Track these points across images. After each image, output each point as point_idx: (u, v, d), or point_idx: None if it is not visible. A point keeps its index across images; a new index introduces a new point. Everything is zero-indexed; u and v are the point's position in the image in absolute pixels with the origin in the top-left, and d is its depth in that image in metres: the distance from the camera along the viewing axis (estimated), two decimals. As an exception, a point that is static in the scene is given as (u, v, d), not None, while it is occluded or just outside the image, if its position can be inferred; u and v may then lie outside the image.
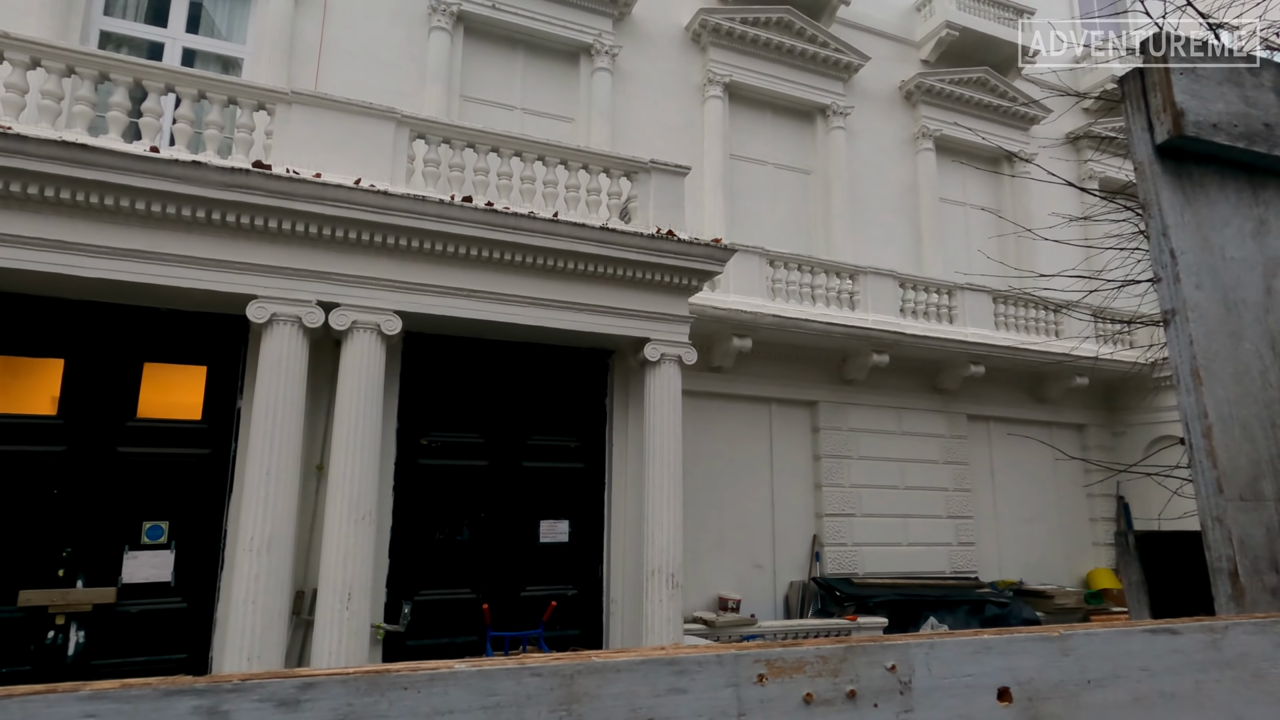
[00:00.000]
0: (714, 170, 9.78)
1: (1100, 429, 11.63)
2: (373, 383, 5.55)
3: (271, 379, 5.24)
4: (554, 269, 6.18)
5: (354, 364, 5.52)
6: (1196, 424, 0.73)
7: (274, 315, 5.31)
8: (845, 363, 9.77)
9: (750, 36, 10.29)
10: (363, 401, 5.47)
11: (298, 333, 5.38)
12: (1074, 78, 13.18)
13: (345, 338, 5.57)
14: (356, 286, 5.60)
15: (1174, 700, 0.56)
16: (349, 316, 5.52)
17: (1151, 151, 0.78)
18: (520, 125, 8.93)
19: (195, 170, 5.00)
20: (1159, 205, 0.78)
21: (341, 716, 0.40)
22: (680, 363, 6.62)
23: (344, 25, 8.48)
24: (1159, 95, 0.76)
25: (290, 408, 5.26)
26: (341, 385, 5.50)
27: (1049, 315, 10.86)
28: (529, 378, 6.84)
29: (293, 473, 5.22)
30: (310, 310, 5.42)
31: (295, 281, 5.43)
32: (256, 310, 5.28)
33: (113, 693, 0.36)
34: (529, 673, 0.44)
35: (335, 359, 5.82)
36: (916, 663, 0.52)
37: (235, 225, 5.25)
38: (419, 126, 6.11)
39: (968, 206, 12.01)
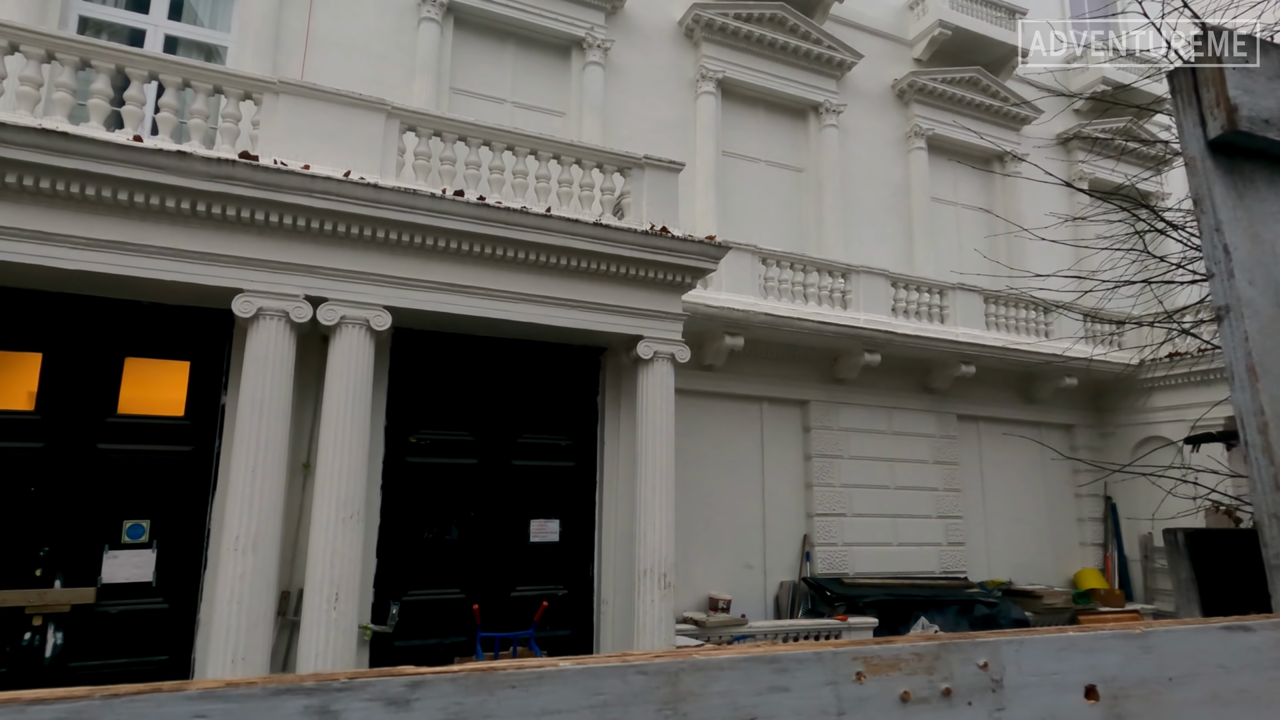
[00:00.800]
0: (706, 167, 9.79)
1: (1088, 430, 11.77)
2: (361, 379, 5.50)
3: (258, 375, 5.18)
4: (546, 265, 6.16)
5: (342, 360, 5.47)
6: (1252, 420, 0.74)
7: (260, 310, 5.25)
8: (837, 362, 9.82)
9: (743, 32, 10.30)
10: (351, 398, 5.42)
11: (284, 328, 5.33)
12: (1066, 79, 13.32)
13: (333, 333, 5.52)
14: (345, 281, 5.54)
15: (1251, 697, 0.57)
16: (337, 311, 5.47)
17: (1204, 147, 0.79)
18: (510, 119, 8.88)
19: (180, 160, 4.92)
20: (1212, 200, 0.79)
21: (451, 715, 0.39)
22: (673, 360, 6.62)
23: (331, 15, 8.39)
24: (1212, 91, 0.77)
25: (277, 404, 5.21)
26: (329, 382, 5.45)
27: (1039, 316, 10.98)
28: (519, 375, 6.82)
29: (279, 470, 5.17)
30: (298, 305, 5.36)
31: (282, 275, 5.37)
32: (242, 304, 5.21)
33: (221, 692, 0.35)
34: (634, 670, 0.44)
35: (322, 355, 5.76)
36: (1007, 661, 0.52)
37: (221, 217, 5.18)
38: (410, 119, 6.06)
39: (959, 206, 12.11)
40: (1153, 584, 11.08)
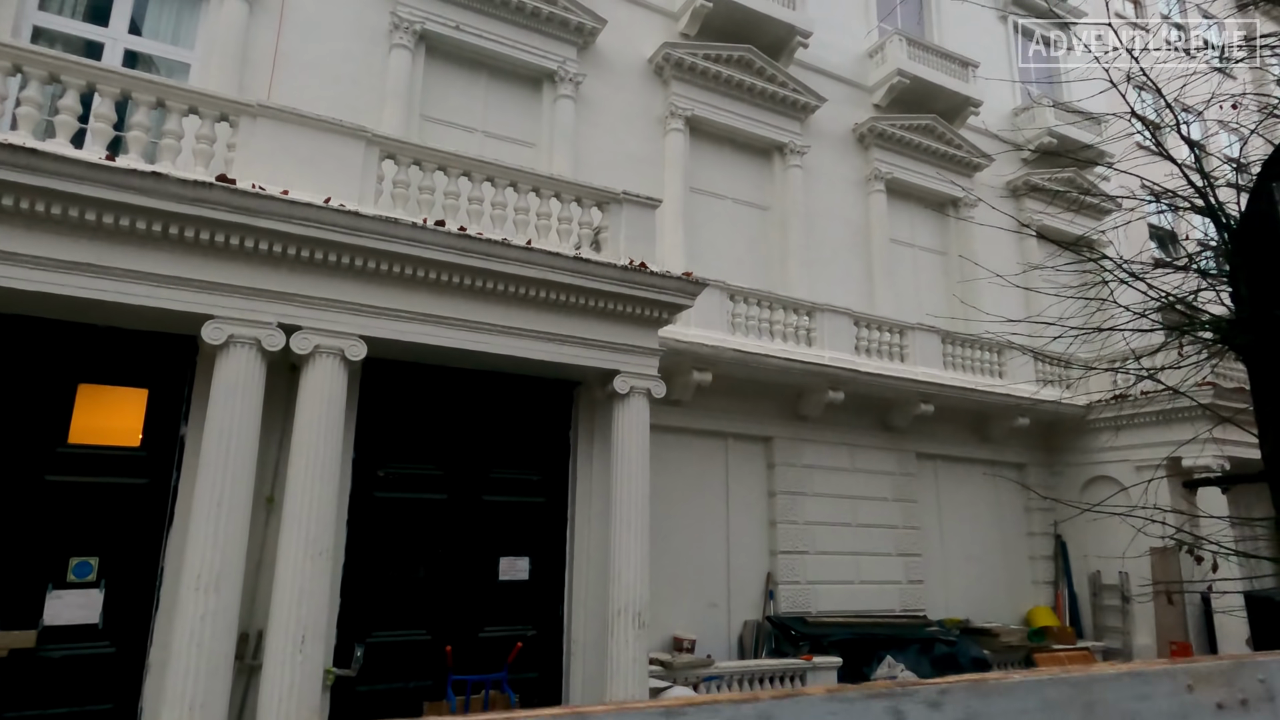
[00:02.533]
0: (674, 202, 10.06)
1: (1039, 468, 12.35)
2: (334, 411, 5.45)
3: (226, 404, 5.09)
4: (525, 298, 6.25)
5: (315, 391, 5.41)
6: None
7: (231, 337, 5.18)
8: (801, 399, 10.11)
9: (712, 73, 10.71)
10: (323, 431, 5.36)
11: (256, 356, 5.26)
12: (1014, 130, 14.21)
13: (306, 363, 5.46)
14: (320, 309, 5.51)
15: None
16: (312, 340, 5.43)
17: None
18: (481, 148, 8.99)
19: (154, 181, 4.87)
20: None
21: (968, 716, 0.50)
22: (649, 396, 6.75)
23: (301, 37, 8.41)
24: None
25: (245, 435, 5.11)
26: (300, 413, 5.38)
27: (994, 357, 11.54)
28: (491, 408, 6.84)
29: (245, 505, 5.06)
30: (270, 333, 5.30)
31: (256, 302, 5.32)
32: (213, 331, 5.13)
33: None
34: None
35: (291, 384, 5.69)
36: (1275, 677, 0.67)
37: (194, 241, 5.12)
38: (389, 147, 6.12)
39: (916, 248, 12.70)
40: (1101, 621, 11.59)
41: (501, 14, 9.39)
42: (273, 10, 8.33)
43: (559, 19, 9.63)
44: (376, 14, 8.88)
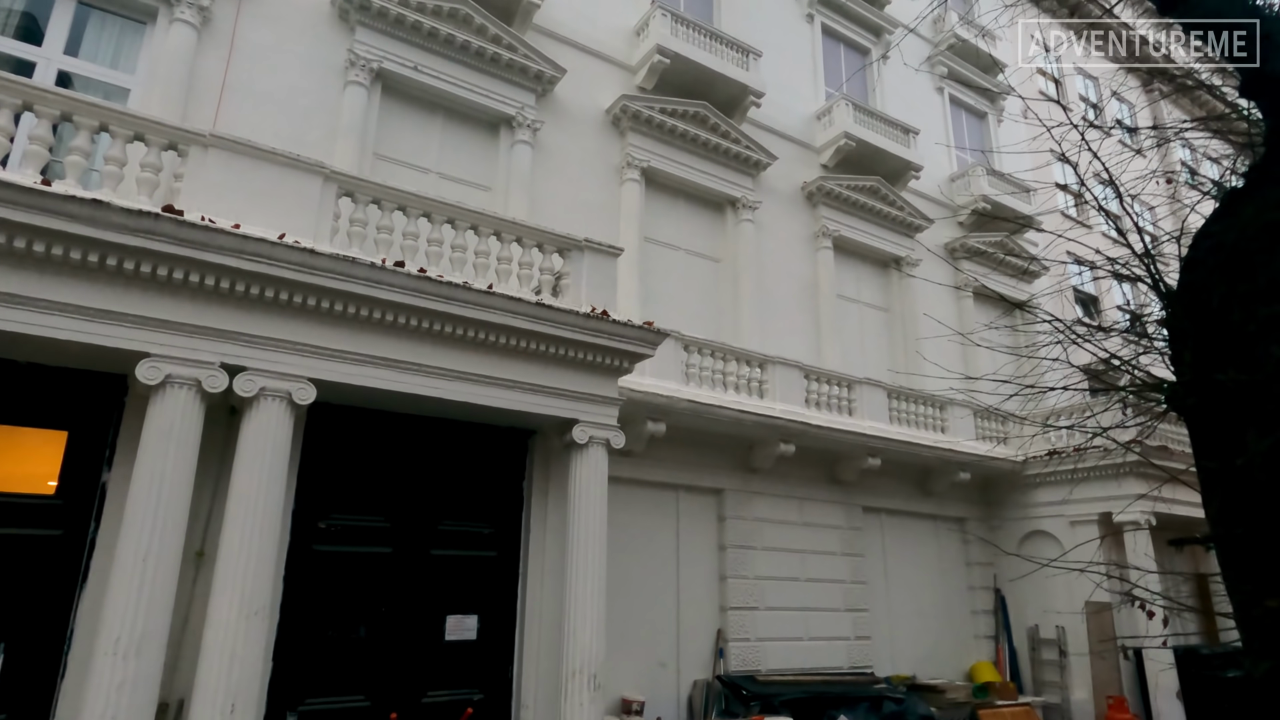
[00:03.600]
0: (630, 252, 10.13)
1: (979, 522, 12.69)
2: (277, 458, 5.17)
3: (159, 450, 4.77)
4: (483, 343, 6.13)
5: (257, 436, 5.13)
6: None
7: (169, 377, 4.89)
8: (752, 451, 10.17)
9: (668, 126, 10.98)
10: (264, 479, 5.07)
11: (194, 398, 4.97)
12: (951, 194, 15.01)
13: (249, 406, 5.19)
14: (268, 349, 5.28)
15: None
16: (257, 382, 5.17)
17: None
18: (435, 189, 8.91)
19: (95, 210, 4.61)
20: None
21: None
22: (608, 446, 6.67)
23: (252, 67, 8.24)
24: None
25: (178, 484, 4.79)
26: (240, 460, 5.08)
27: (936, 412, 11.91)
28: (442, 457, 6.63)
29: (174, 560, 4.70)
30: (212, 373, 5.03)
31: (197, 340, 5.05)
32: (148, 370, 4.83)
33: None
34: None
35: (230, 429, 5.41)
36: None
37: (133, 274, 4.85)
38: (348, 184, 5.99)
39: (862, 304, 13.13)
40: (1040, 675, 11.84)
41: (461, 58, 9.44)
42: (223, 39, 8.16)
43: (519, 66, 9.74)
44: (332, 50, 8.80)
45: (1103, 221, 5.19)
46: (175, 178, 5.40)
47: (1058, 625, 11.52)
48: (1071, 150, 5.27)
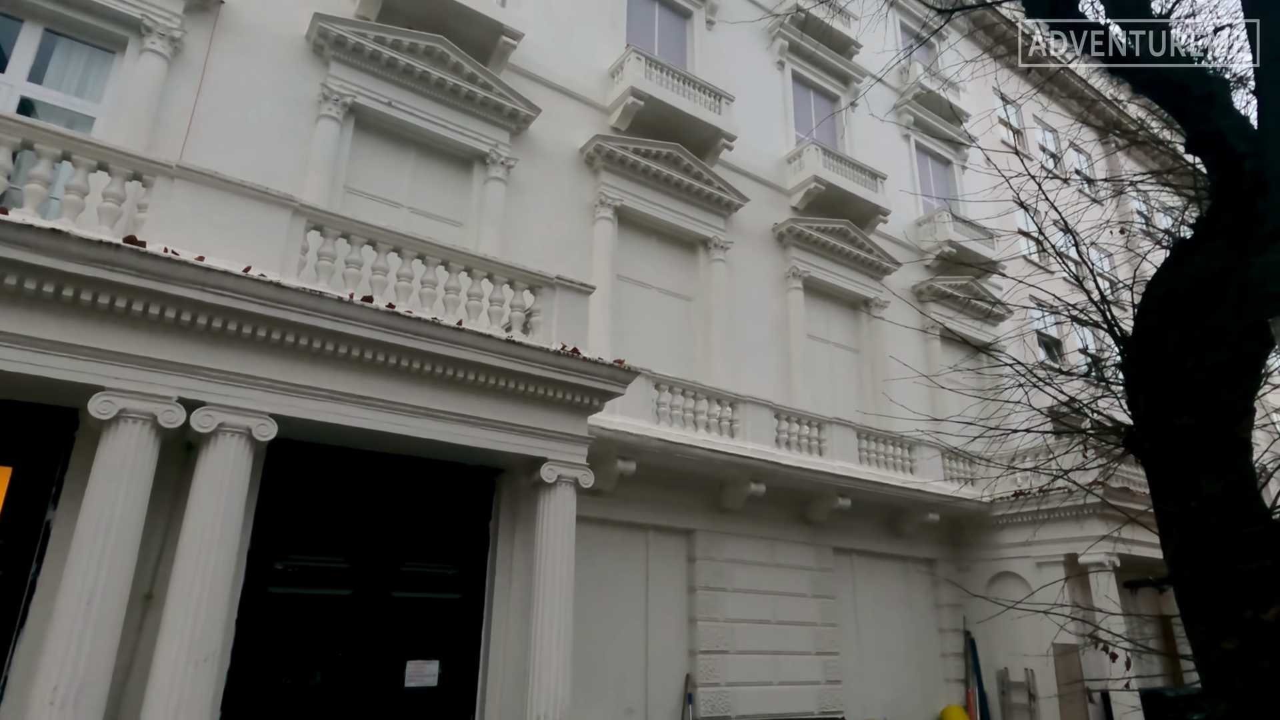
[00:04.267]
0: (602, 289, 10.20)
1: (948, 564, 12.77)
2: (234, 497, 5.05)
3: (109, 487, 4.63)
4: (452, 379, 6.10)
5: (214, 474, 5.02)
6: None
7: (123, 411, 4.77)
8: (723, 490, 10.17)
9: (641, 166, 11.16)
10: (220, 519, 4.94)
11: (149, 434, 4.85)
12: (918, 237, 15.41)
13: (207, 442, 5.08)
14: (229, 384, 5.19)
15: None
16: (215, 418, 5.07)
17: None
18: (406, 224, 8.93)
19: (53, 240, 4.54)
20: None
21: None
22: (577, 486, 6.63)
23: (223, 98, 8.24)
24: None
25: (128, 523, 4.64)
26: (195, 499, 4.96)
27: (905, 452, 12.05)
28: (407, 496, 6.53)
29: (120, 603, 4.54)
30: (169, 408, 4.93)
31: (155, 374, 4.95)
32: (102, 404, 4.72)
33: None
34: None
35: (185, 465, 5.29)
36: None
37: (90, 305, 4.76)
38: (317, 218, 5.98)
39: (831, 344, 13.33)
40: (1010, 719, 11.83)
41: (436, 95, 9.54)
42: (194, 70, 8.16)
43: (494, 104, 9.87)
44: (306, 83, 8.85)
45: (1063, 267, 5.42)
46: (139, 208, 5.35)
47: (1027, 668, 11.56)
48: (1031, 199, 5.48)
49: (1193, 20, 7.03)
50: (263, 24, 8.75)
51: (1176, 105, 4.04)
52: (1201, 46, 6.42)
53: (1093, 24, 4.39)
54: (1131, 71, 4.20)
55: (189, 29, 8.15)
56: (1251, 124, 3.90)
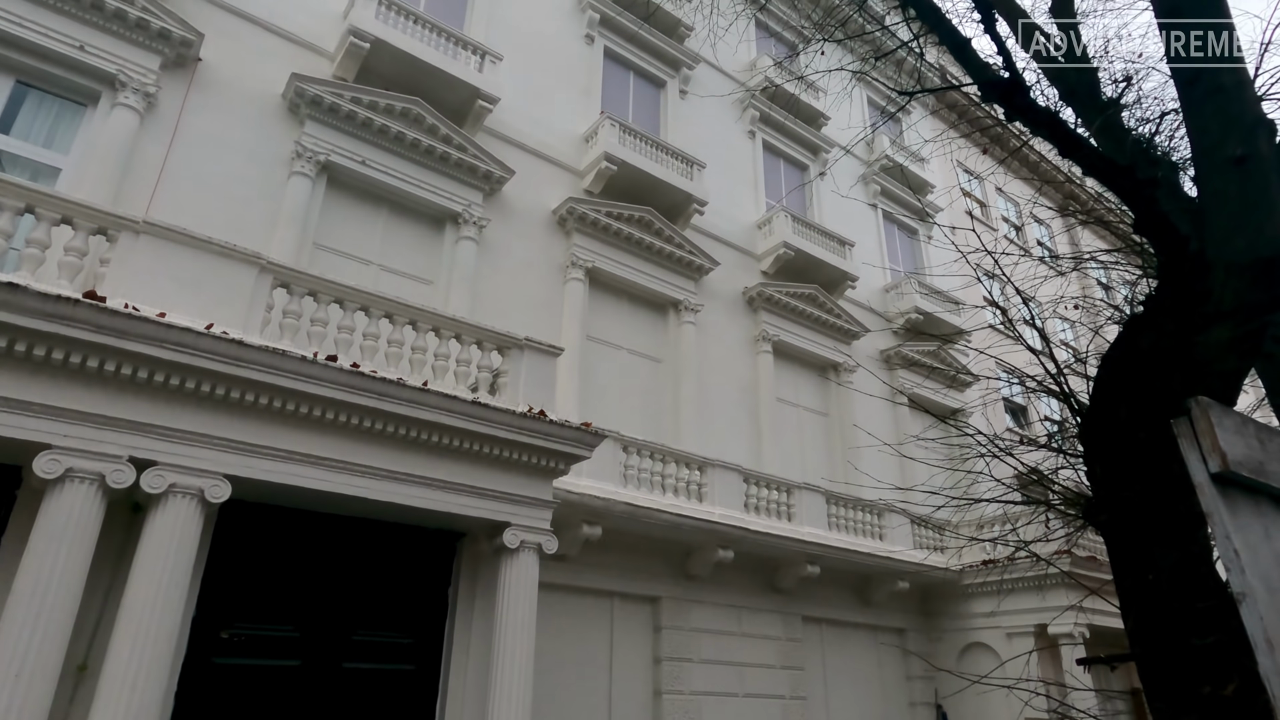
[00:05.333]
0: (571, 350, 10.30)
1: (918, 634, 12.71)
2: (181, 562, 4.91)
3: (48, 551, 4.48)
4: (415, 441, 6.06)
5: (161, 537, 4.88)
6: (1273, 678, 1.04)
7: (69, 471, 4.66)
8: (690, 557, 10.10)
9: (613, 229, 11.42)
10: (165, 585, 4.78)
11: (96, 494, 4.73)
12: (886, 304, 15.83)
13: (156, 504, 4.96)
14: (183, 443, 5.11)
15: None
16: (167, 478, 4.97)
17: (1208, 478, 1.18)
18: (375, 281, 8.99)
19: (9, 294, 4.50)
20: (1220, 517, 1.17)
21: None
22: (540, 551, 6.56)
23: (193, 152, 8.32)
24: (1208, 439, 1.17)
25: (66, 589, 4.48)
26: (140, 563, 4.81)
27: (874, 519, 12.11)
28: (363, 560, 6.39)
29: (52, 675, 4.35)
30: (118, 468, 4.83)
31: (105, 432, 4.86)
32: (48, 463, 4.61)
33: None
34: None
35: (130, 527, 5.15)
36: None
37: (43, 361, 4.70)
38: (284, 275, 6.00)
39: (801, 408, 13.49)
40: (977, 799, 11.62)
41: (411, 155, 9.74)
42: (166, 125, 8.26)
43: (468, 165, 10.09)
44: (279, 141, 8.98)
45: (1027, 336, 5.64)
46: (101, 263, 5.34)
47: (999, 744, 11.43)
48: (994, 272, 5.72)
49: (1139, 106, 7.48)
50: (239, 82, 8.92)
51: (1123, 188, 4.27)
52: (1148, 131, 6.83)
53: (1045, 110, 4.67)
54: (1082, 154, 4.45)
55: (164, 85, 8.29)
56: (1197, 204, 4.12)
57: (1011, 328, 5.83)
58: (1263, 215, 3.46)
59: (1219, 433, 1.18)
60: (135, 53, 8.08)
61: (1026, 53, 5.86)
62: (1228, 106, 3.67)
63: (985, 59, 5.06)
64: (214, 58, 8.76)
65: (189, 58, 8.52)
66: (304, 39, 9.68)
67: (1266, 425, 1.32)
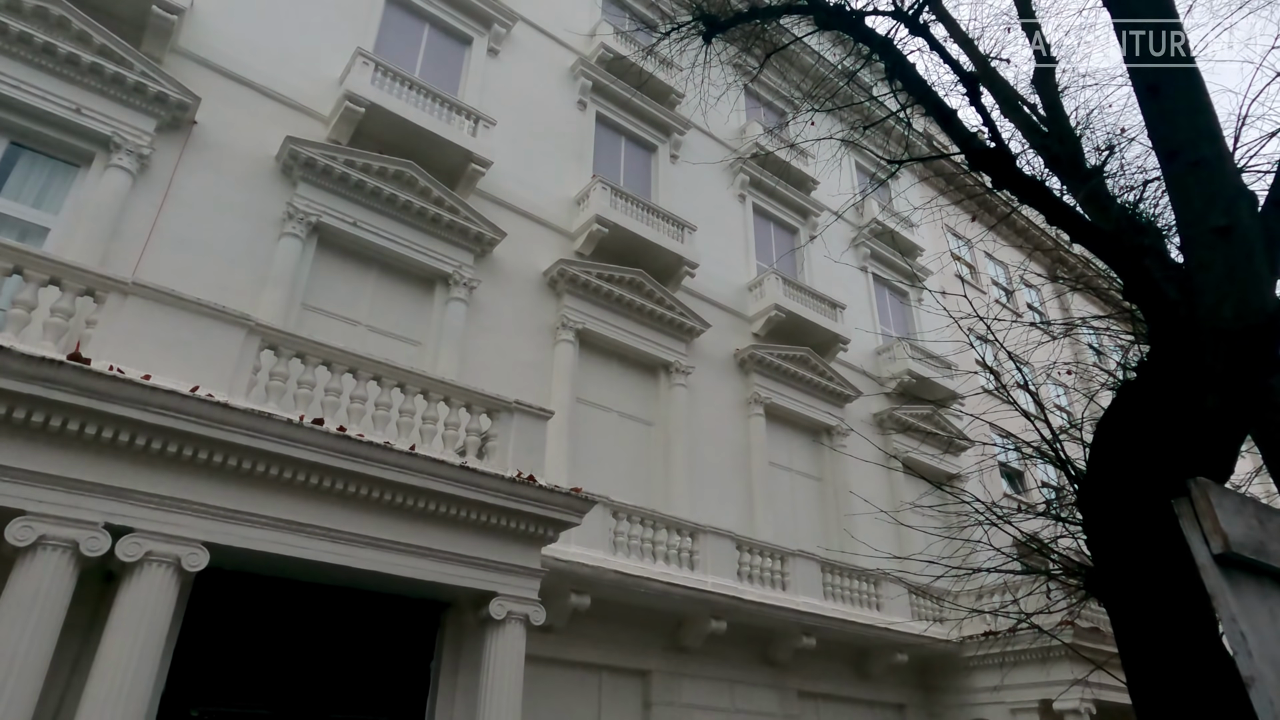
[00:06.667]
0: (561, 412, 10.29)
1: (919, 710, 12.40)
2: (153, 635, 4.78)
3: (16, 622, 4.37)
4: (400, 507, 6.01)
5: (134, 609, 4.77)
6: None
7: (42, 538, 4.58)
8: (682, 628, 9.90)
9: (604, 290, 11.56)
10: (135, 659, 4.65)
11: (68, 562, 4.65)
12: (878, 367, 15.97)
13: (130, 573, 4.87)
14: (160, 509, 5.04)
15: None
16: (143, 546, 4.89)
17: (1210, 559, 1.21)
18: (363, 342, 9.02)
19: (-8, 355, 4.51)
20: (1225, 599, 1.19)
21: None
22: (527, 623, 6.44)
23: (184, 213, 8.44)
24: (1209, 520, 1.20)
25: (32, 663, 4.35)
26: (110, 636, 4.68)
27: (871, 588, 11.95)
28: (342, 632, 6.25)
29: (10, 758, 4.19)
30: (93, 535, 4.75)
31: (81, 497, 4.80)
32: (21, 530, 4.53)
33: None
34: None
35: (102, 597, 5.04)
36: None
37: (23, 424, 4.67)
38: (272, 337, 6.03)
39: (794, 472, 13.45)
40: None
41: (402, 216, 9.90)
42: (158, 185, 8.39)
43: (460, 227, 10.26)
44: (271, 202, 9.13)
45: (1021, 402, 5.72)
46: (87, 324, 5.35)
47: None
48: (985, 336, 5.81)
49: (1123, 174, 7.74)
50: (234, 144, 9.12)
51: (1111, 255, 4.38)
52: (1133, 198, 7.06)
53: (1031, 179, 4.83)
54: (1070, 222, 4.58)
55: (158, 146, 8.46)
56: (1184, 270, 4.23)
57: (1005, 393, 5.91)
58: (1249, 284, 3.56)
59: (1219, 513, 1.22)
60: (131, 115, 8.26)
61: (1012, 123, 6.10)
62: (1209, 178, 3.81)
63: (972, 128, 5.28)
64: (210, 120, 8.97)
65: (185, 120, 8.72)
66: (300, 103, 9.94)
67: (1266, 505, 1.35)
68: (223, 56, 9.50)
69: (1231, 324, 3.46)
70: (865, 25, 5.26)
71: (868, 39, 5.19)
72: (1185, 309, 3.90)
